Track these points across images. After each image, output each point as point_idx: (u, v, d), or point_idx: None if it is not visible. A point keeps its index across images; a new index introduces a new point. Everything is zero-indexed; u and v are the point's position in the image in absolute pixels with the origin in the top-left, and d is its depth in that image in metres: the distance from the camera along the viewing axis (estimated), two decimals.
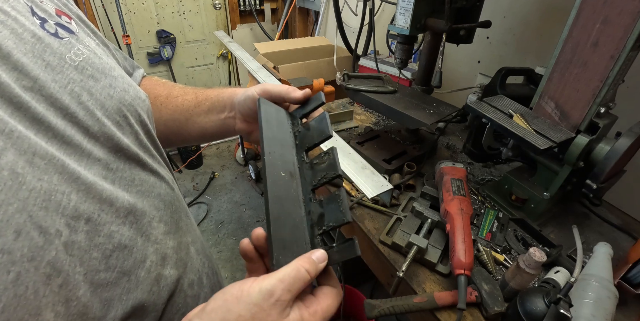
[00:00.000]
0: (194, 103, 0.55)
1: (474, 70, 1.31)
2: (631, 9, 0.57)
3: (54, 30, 0.32)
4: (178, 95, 0.56)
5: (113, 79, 0.36)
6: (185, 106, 0.55)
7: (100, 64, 0.35)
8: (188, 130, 0.56)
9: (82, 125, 0.31)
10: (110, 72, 0.36)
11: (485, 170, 1.00)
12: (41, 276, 0.25)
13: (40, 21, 0.32)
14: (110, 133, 0.34)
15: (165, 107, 0.55)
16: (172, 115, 0.55)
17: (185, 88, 0.57)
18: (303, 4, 2.19)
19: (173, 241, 0.40)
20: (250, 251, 0.36)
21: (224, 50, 2.58)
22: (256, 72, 1.41)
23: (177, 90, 0.57)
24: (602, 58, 0.63)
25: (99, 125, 0.33)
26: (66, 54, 0.32)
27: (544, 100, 0.75)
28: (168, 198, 0.41)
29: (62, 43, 0.32)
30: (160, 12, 2.24)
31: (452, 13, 0.87)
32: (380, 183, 0.58)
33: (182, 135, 0.57)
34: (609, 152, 0.65)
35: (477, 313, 0.62)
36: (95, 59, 0.35)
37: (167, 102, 0.55)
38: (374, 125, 1.21)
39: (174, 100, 0.55)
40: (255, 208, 2.28)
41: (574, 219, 0.83)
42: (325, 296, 0.33)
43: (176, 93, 0.56)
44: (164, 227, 0.39)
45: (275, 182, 0.37)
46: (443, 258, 0.70)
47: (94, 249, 0.30)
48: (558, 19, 1.00)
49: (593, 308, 0.55)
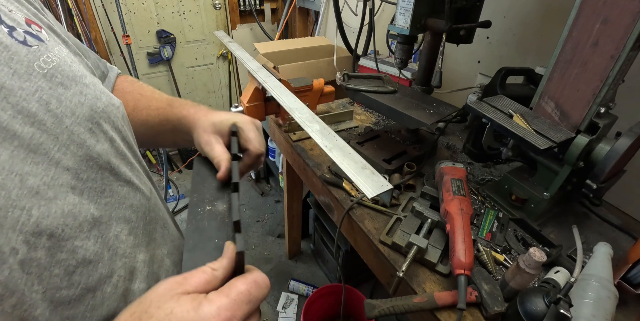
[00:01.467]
0: (158, 120, 0.55)
1: (474, 70, 1.31)
2: (631, 9, 0.57)
3: (22, 38, 0.32)
4: (143, 108, 0.55)
5: (84, 86, 0.35)
6: (150, 123, 0.55)
7: (70, 71, 0.35)
8: (160, 141, 0.58)
9: (50, 133, 0.30)
10: (82, 80, 0.36)
11: (485, 170, 1.00)
12: None
13: (8, 29, 0.31)
14: (80, 142, 0.33)
15: (132, 119, 0.54)
16: (139, 129, 0.53)
17: (149, 100, 0.56)
18: (303, 4, 2.19)
19: (144, 254, 0.39)
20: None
21: (224, 50, 2.58)
22: (256, 72, 1.41)
23: (142, 101, 0.56)
24: (602, 58, 0.63)
25: (68, 132, 0.32)
26: (34, 61, 0.32)
27: (544, 100, 0.75)
28: (142, 209, 0.40)
29: (31, 51, 0.32)
30: (160, 12, 2.24)
31: (452, 13, 0.87)
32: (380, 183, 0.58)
33: (155, 144, 0.58)
34: (609, 152, 0.65)
35: (477, 313, 0.62)
36: (65, 66, 0.35)
37: (133, 115, 0.54)
38: (374, 125, 1.21)
39: (139, 113, 0.55)
40: (255, 208, 2.28)
41: (574, 219, 0.83)
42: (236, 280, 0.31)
43: (141, 106, 0.55)
44: (133, 240, 0.38)
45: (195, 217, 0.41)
46: (443, 258, 0.70)
47: (55, 266, 0.29)
48: (558, 19, 1.00)
49: (593, 308, 0.55)
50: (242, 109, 1.02)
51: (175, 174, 2.62)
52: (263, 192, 2.39)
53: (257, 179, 2.46)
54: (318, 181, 0.95)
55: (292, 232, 1.77)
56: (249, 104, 1.00)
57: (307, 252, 1.96)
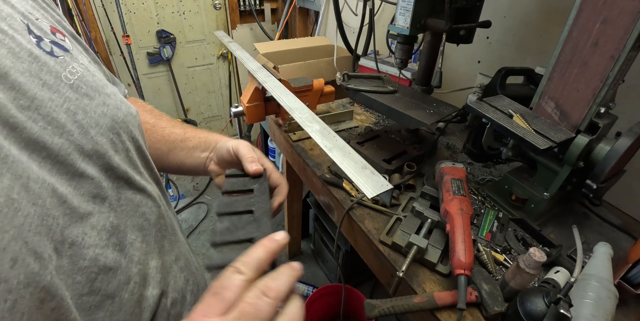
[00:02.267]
0: (182, 137, 0.57)
1: (474, 70, 1.31)
2: (631, 9, 0.57)
3: (49, 49, 0.33)
4: (165, 127, 0.58)
5: (106, 97, 0.36)
6: (171, 138, 0.57)
7: (93, 81, 0.36)
8: (167, 160, 0.58)
9: (77, 143, 0.31)
10: (104, 90, 0.36)
11: (485, 170, 1.00)
12: (35, 301, 0.25)
13: (36, 39, 0.32)
14: (103, 152, 0.34)
15: (151, 134, 0.56)
16: (155, 144, 0.56)
17: (172, 121, 0.60)
18: (303, 4, 2.19)
19: (156, 261, 0.40)
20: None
21: (224, 50, 2.58)
22: (256, 72, 1.41)
23: (164, 121, 0.59)
24: (602, 58, 0.63)
25: (92, 143, 0.33)
26: (62, 72, 0.32)
27: (544, 100, 0.75)
28: (153, 217, 0.41)
29: (58, 62, 0.32)
30: (160, 12, 2.24)
31: (452, 13, 0.87)
32: (380, 183, 0.58)
33: (159, 164, 0.58)
34: (609, 152, 0.65)
35: (477, 313, 0.62)
36: (89, 76, 0.35)
37: (153, 131, 0.57)
38: (374, 125, 1.21)
39: (161, 130, 0.57)
40: None
41: (574, 219, 0.83)
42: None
43: (164, 125, 0.58)
44: (146, 247, 0.39)
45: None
46: (443, 258, 0.70)
47: (78, 273, 0.30)
48: (558, 19, 1.00)
49: (593, 308, 0.55)
50: (242, 109, 1.02)
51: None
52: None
53: None
54: (318, 181, 0.95)
55: (292, 232, 1.77)
56: (249, 104, 1.01)
57: (307, 252, 1.95)
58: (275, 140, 1.28)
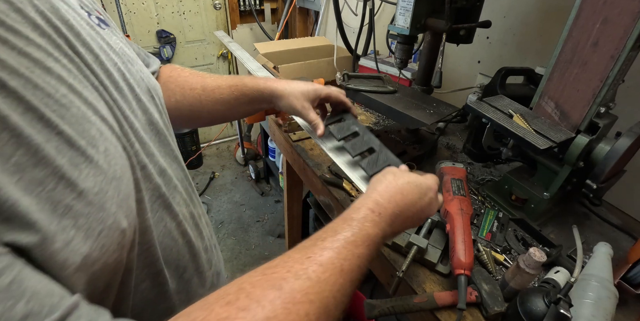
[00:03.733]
0: (233, 97, 0.62)
1: (474, 70, 1.31)
2: (631, 9, 0.57)
3: (97, 22, 0.37)
4: (214, 88, 0.62)
5: (141, 66, 0.43)
6: (224, 100, 0.62)
7: (130, 53, 0.41)
8: (233, 115, 0.66)
9: (127, 99, 0.36)
10: (137, 61, 0.43)
11: (485, 170, 1.00)
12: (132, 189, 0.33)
13: (87, 13, 0.36)
14: (145, 108, 0.39)
15: (206, 99, 0.61)
16: (214, 106, 0.62)
17: (215, 80, 0.63)
18: (303, 4, 2.18)
19: (187, 209, 0.44)
20: None
21: (224, 50, 2.58)
22: (256, 72, 1.41)
23: (208, 81, 0.62)
24: (602, 58, 0.63)
25: (137, 100, 0.38)
26: (109, 40, 0.37)
27: (544, 100, 0.75)
28: (183, 173, 0.46)
29: (104, 33, 0.37)
30: (160, 12, 2.24)
31: (452, 13, 0.87)
32: None
33: (227, 119, 0.68)
34: (609, 152, 0.65)
35: (477, 313, 0.61)
36: (126, 49, 0.41)
37: (205, 95, 0.61)
38: (374, 125, 1.21)
39: (212, 93, 0.62)
40: (255, 208, 2.28)
41: (574, 219, 0.83)
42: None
43: (210, 86, 0.62)
44: (184, 194, 0.44)
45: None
46: (443, 258, 0.70)
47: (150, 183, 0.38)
48: (558, 19, 1.00)
49: (593, 308, 0.55)
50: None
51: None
52: (263, 192, 2.39)
53: (257, 179, 2.46)
54: (318, 181, 0.95)
55: (292, 232, 1.77)
56: None
57: None
58: (275, 140, 1.28)
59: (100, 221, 0.27)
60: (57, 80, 0.27)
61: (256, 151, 2.57)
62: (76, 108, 0.28)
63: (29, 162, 0.24)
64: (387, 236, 0.41)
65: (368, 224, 0.38)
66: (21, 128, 0.23)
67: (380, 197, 0.42)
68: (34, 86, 0.25)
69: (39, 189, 0.24)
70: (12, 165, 0.23)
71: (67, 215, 0.25)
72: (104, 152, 0.29)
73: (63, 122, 0.26)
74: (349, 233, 0.36)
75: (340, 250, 0.34)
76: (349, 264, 0.34)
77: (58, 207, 0.24)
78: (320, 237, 0.36)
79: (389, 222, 0.41)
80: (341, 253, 0.34)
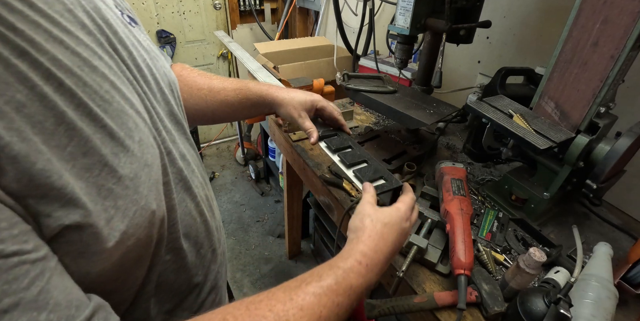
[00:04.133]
0: (237, 100, 0.65)
1: (474, 70, 1.31)
2: (631, 9, 0.57)
3: (128, 20, 0.41)
4: (220, 90, 0.65)
5: (163, 62, 0.46)
6: (228, 102, 0.65)
7: (155, 50, 0.45)
8: (236, 116, 0.69)
9: (153, 91, 0.39)
10: (160, 57, 0.46)
11: (485, 170, 1.00)
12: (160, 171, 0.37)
13: (120, 12, 0.39)
14: (167, 100, 0.43)
15: (211, 99, 0.65)
16: (219, 107, 0.65)
17: (222, 82, 0.67)
18: (303, 4, 2.18)
19: (203, 191, 0.48)
20: None
21: (224, 50, 2.58)
22: (256, 72, 1.41)
23: (215, 83, 0.66)
24: (602, 58, 0.63)
25: (161, 92, 0.42)
26: (139, 37, 0.41)
27: (544, 100, 0.75)
28: (198, 159, 0.49)
29: (134, 30, 0.40)
30: (160, 12, 2.24)
31: (452, 13, 0.87)
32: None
33: (231, 119, 0.72)
34: (609, 152, 0.65)
35: (477, 313, 0.62)
36: (152, 45, 0.45)
37: (211, 95, 0.65)
38: (374, 125, 1.21)
39: (217, 94, 0.65)
40: (255, 208, 2.28)
41: (574, 219, 0.83)
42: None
43: (217, 88, 0.65)
44: (200, 178, 0.47)
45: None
46: (443, 258, 0.70)
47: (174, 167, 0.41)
48: (558, 19, 1.00)
49: (593, 308, 0.55)
50: None
51: None
52: (263, 192, 2.39)
53: (257, 179, 2.46)
54: (318, 181, 0.95)
55: (292, 232, 1.77)
56: None
57: (307, 252, 1.95)
58: (275, 140, 1.28)
59: (135, 202, 0.31)
60: (101, 77, 0.30)
61: (256, 151, 2.57)
62: (117, 103, 0.31)
63: (80, 152, 0.27)
64: (374, 282, 0.43)
65: (353, 275, 0.40)
66: (75, 122, 0.27)
67: (367, 248, 0.44)
68: (84, 84, 0.28)
69: (87, 175, 0.27)
70: (68, 154, 0.26)
71: (108, 197, 0.29)
72: (139, 142, 0.32)
73: (106, 116, 0.30)
74: (332, 281, 0.38)
75: (321, 297, 0.36)
76: (328, 312, 0.36)
77: (102, 190, 0.28)
78: (305, 280, 0.38)
79: (376, 271, 0.43)
80: (322, 300, 0.36)
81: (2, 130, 0.23)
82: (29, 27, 0.26)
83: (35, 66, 0.25)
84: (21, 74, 0.25)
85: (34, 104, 0.25)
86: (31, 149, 0.24)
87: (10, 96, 0.24)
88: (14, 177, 0.23)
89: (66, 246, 0.27)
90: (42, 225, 0.25)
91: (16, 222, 0.24)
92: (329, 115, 0.69)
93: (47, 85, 0.26)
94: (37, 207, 0.25)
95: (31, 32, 0.26)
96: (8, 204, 0.23)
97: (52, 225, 0.25)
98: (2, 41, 0.24)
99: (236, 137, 2.94)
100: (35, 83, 0.25)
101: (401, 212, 0.50)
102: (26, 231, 0.24)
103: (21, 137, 0.24)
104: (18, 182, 0.24)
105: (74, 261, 0.28)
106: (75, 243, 0.27)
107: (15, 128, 0.24)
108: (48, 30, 0.27)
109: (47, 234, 0.26)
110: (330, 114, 0.68)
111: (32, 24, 0.26)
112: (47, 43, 0.27)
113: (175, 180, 0.41)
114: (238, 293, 1.73)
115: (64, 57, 0.27)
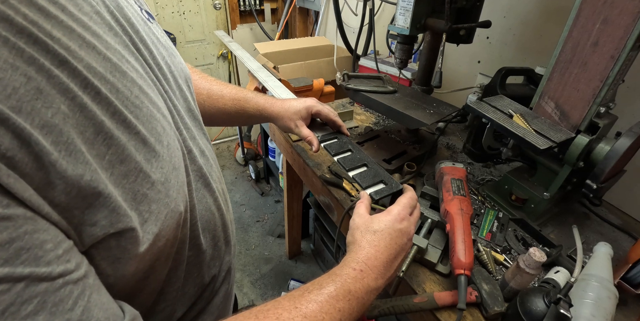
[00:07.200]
0: (234, 110, 0.67)
1: (474, 70, 1.31)
2: (631, 9, 0.57)
3: (147, 16, 0.40)
4: (218, 97, 0.67)
5: (180, 58, 0.46)
6: (226, 110, 0.67)
7: (172, 46, 0.45)
8: (231, 124, 0.71)
9: (172, 88, 0.39)
10: (177, 53, 0.46)
11: (485, 170, 1.00)
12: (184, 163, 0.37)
13: (139, 8, 0.39)
14: (185, 97, 0.43)
15: (209, 105, 0.66)
16: (216, 114, 0.67)
17: (220, 89, 0.68)
18: (303, 4, 2.18)
19: (220, 185, 0.48)
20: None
21: (224, 50, 2.58)
22: (256, 72, 1.41)
23: (214, 89, 0.67)
24: (602, 58, 0.63)
25: (180, 89, 0.42)
26: (157, 34, 0.40)
27: (544, 100, 0.75)
28: (214, 153, 0.50)
29: (152, 27, 0.40)
30: (160, 12, 2.24)
31: (452, 13, 0.87)
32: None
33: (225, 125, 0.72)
34: (609, 152, 0.65)
35: (477, 313, 0.62)
36: (168, 41, 0.44)
37: (209, 101, 0.66)
38: (374, 125, 1.21)
39: (216, 102, 0.66)
40: (255, 208, 2.28)
41: (574, 219, 0.83)
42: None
43: (215, 95, 0.66)
44: (217, 172, 0.48)
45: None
46: (443, 258, 0.70)
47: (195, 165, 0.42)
48: (558, 19, 1.00)
49: (593, 308, 0.55)
50: None
51: None
52: (263, 192, 2.39)
53: (257, 179, 2.46)
54: (318, 181, 0.95)
55: (292, 232, 1.77)
56: None
57: (307, 252, 1.96)
58: (275, 140, 1.28)
59: (166, 205, 0.32)
60: (131, 82, 0.30)
61: (256, 151, 2.57)
62: (146, 108, 0.31)
63: (117, 159, 0.27)
64: (380, 285, 0.44)
65: (350, 280, 0.41)
66: (112, 130, 0.27)
67: (360, 257, 0.45)
68: (117, 90, 0.28)
69: (124, 181, 0.28)
70: (107, 162, 0.27)
71: (143, 202, 0.29)
72: (167, 146, 0.33)
73: (138, 122, 0.30)
74: (332, 287, 0.40)
75: (323, 304, 0.37)
76: (330, 318, 0.37)
77: (137, 195, 0.29)
78: (307, 289, 0.39)
79: (373, 276, 0.44)
80: (324, 307, 0.37)
81: (52, 145, 0.23)
82: (64, 33, 0.25)
83: (74, 75, 0.25)
84: (63, 85, 0.24)
85: (75, 115, 0.25)
86: (79, 161, 0.24)
87: (57, 108, 0.23)
88: (62, 190, 0.23)
89: (105, 252, 0.27)
90: (84, 234, 0.25)
91: (60, 240, 0.24)
92: (325, 117, 0.70)
93: (85, 95, 0.25)
94: (82, 217, 0.25)
95: (66, 38, 0.25)
96: (53, 220, 0.23)
97: (97, 233, 0.26)
98: (44, 51, 0.23)
99: (236, 137, 2.94)
100: (76, 94, 0.25)
101: (392, 215, 0.50)
102: (69, 249, 0.24)
103: (69, 150, 0.24)
104: (67, 194, 0.24)
105: (111, 265, 0.28)
106: (113, 248, 0.27)
107: (63, 142, 0.23)
108: (81, 35, 0.26)
109: (88, 243, 0.26)
110: (327, 117, 0.70)
111: (67, 29, 0.25)
112: (81, 50, 0.26)
113: (195, 177, 0.41)
114: (238, 293, 1.73)
115: (97, 63, 0.27)
